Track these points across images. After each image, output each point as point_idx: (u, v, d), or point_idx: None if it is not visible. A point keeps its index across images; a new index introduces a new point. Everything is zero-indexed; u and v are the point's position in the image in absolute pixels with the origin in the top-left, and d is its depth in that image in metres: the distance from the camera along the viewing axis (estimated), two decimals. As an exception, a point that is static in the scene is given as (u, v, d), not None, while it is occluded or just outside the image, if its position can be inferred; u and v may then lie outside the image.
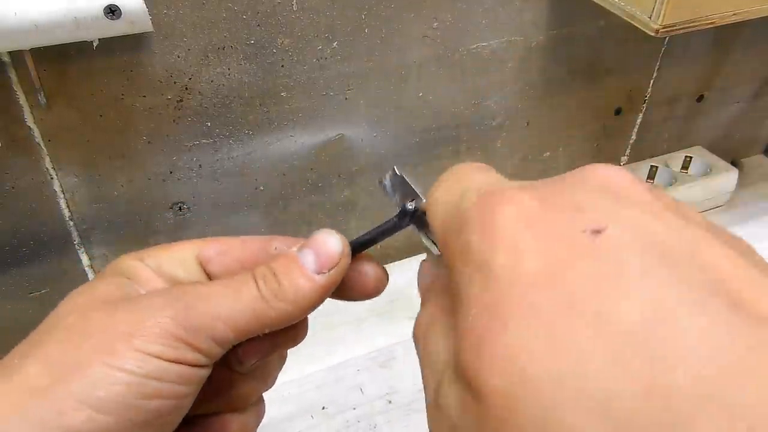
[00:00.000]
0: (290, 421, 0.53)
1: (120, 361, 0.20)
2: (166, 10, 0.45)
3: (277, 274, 0.23)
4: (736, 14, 0.50)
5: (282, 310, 0.23)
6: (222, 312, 0.22)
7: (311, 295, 0.23)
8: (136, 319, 0.21)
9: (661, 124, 0.76)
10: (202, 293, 0.23)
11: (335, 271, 0.24)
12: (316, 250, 0.24)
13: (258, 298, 0.23)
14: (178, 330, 0.21)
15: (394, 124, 0.59)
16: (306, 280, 0.23)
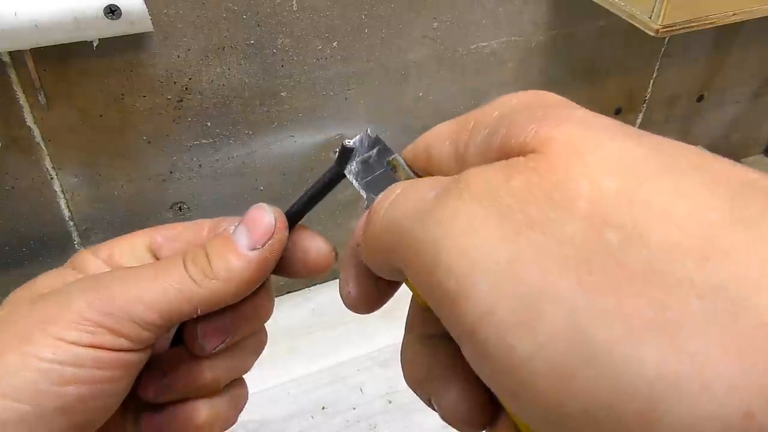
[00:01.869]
0: (290, 421, 0.53)
1: (34, 348, 0.20)
2: (166, 10, 0.45)
3: (209, 253, 0.23)
4: (736, 14, 0.50)
5: (213, 288, 0.22)
6: (142, 294, 0.21)
7: (245, 272, 0.23)
8: (53, 307, 0.21)
9: (661, 124, 0.77)
10: (121, 277, 0.22)
11: (270, 246, 0.23)
12: (248, 225, 0.23)
13: (185, 278, 0.22)
14: (93, 315, 0.21)
15: (394, 124, 0.59)
16: (238, 258, 0.23)
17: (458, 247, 0.14)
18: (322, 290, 0.64)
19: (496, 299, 0.13)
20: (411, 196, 0.17)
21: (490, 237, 0.13)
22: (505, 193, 0.14)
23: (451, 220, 0.14)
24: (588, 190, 0.13)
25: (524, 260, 0.13)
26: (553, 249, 0.13)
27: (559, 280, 0.12)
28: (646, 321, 0.11)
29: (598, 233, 0.12)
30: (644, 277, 0.12)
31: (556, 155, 0.14)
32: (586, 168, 0.13)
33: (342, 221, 0.64)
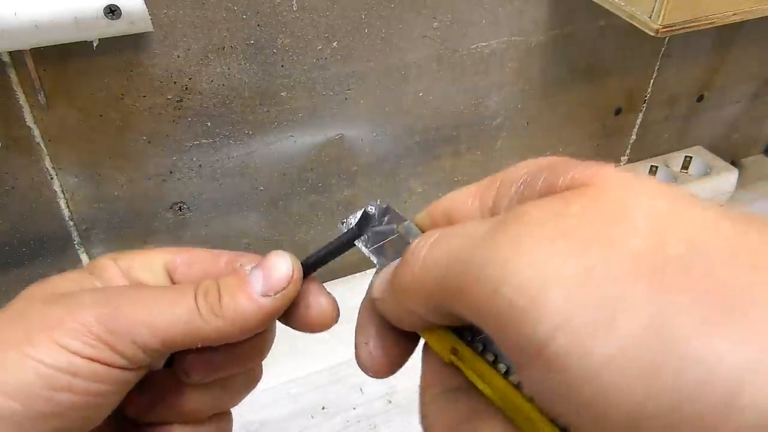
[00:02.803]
0: (290, 421, 0.53)
1: (35, 350, 0.20)
2: (166, 10, 0.45)
3: (221, 289, 0.23)
4: (736, 14, 0.50)
5: (217, 326, 0.22)
6: (149, 318, 0.22)
7: (251, 316, 0.23)
8: (62, 313, 0.21)
9: (661, 124, 0.77)
10: (134, 296, 0.22)
11: (281, 296, 0.23)
12: (266, 271, 0.23)
13: (193, 310, 0.22)
14: (99, 329, 0.21)
15: (394, 124, 0.59)
16: (248, 301, 0.23)
17: (527, 265, 0.14)
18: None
19: (571, 309, 0.13)
20: (459, 232, 0.17)
21: (559, 253, 0.14)
22: (567, 216, 0.15)
23: (515, 243, 0.15)
24: (646, 210, 0.14)
25: (595, 271, 0.14)
26: (621, 260, 0.14)
27: (632, 286, 0.13)
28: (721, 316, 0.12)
29: (662, 245, 0.14)
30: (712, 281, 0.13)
31: (607, 185, 0.16)
32: (636, 194, 0.15)
33: (342, 220, 0.64)
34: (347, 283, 0.65)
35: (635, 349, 0.13)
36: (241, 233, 0.59)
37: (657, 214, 0.14)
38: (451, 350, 0.20)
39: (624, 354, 0.13)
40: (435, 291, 0.17)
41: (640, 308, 0.13)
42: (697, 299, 0.13)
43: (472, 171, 0.68)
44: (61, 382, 0.20)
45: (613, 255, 0.14)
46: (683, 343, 0.12)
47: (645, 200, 0.15)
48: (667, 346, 0.12)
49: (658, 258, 0.13)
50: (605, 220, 0.15)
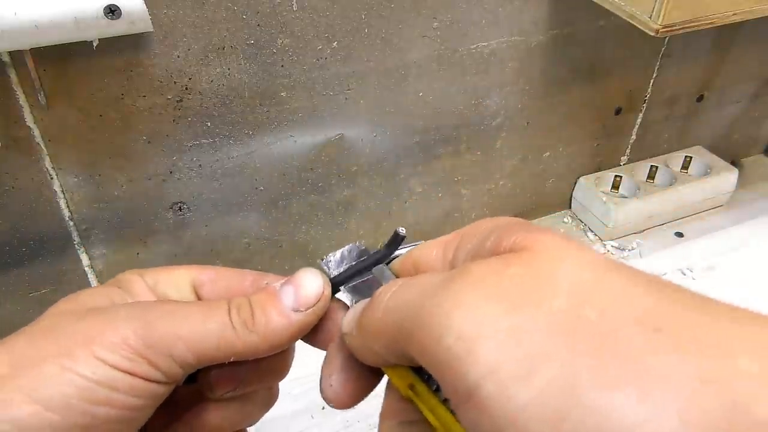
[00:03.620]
0: (290, 420, 0.53)
1: (74, 363, 0.20)
2: (166, 10, 0.45)
3: (253, 305, 0.24)
4: (736, 14, 0.50)
5: (250, 341, 0.23)
6: (184, 333, 0.22)
7: (283, 331, 0.23)
8: (99, 327, 0.21)
9: (661, 124, 0.77)
10: (169, 311, 0.23)
11: (312, 311, 0.24)
12: (296, 287, 0.24)
13: (227, 325, 0.23)
14: (137, 343, 0.21)
15: (394, 124, 0.59)
16: (280, 316, 0.23)
17: (467, 318, 0.17)
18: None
19: (499, 359, 0.15)
20: (417, 283, 0.20)
21: (494, 310, 0.16)
22: (504, 277, 0.17)
23: (459, 297, 0.17)
24: (570, 277, 0.17)
25: (521, 328, 0.16)
26: (543, 320, 0.16)
27: (549, 344, 0.15)
28: (620, 375, 0.14)
29: (579, 308, 0.16)
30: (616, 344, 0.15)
31: (542, 251, 0.18)
32: (565, 262, 0.17)
33: (342, 220, 0.64)
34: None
35: (546, 398, 0.15)
36: (241, 233, 0.59)
37: (579, 281, 0.17)
38: (409, 386, 0.22)
39: (537, 402, 0.15)
40: (393, 334, 0.20)
41: (553, 363, 0.15)
42: (600, 358, 0.15)
43: (472, 171, 0.68)
44: (100, 396, 0.21)
45: (537, 315, 0.16)
46: (584, 395, 0.14)
47: (571, 268, 0.17)
48: (571, 397, 0.14)
49: (573, 320, 0.16)
50: (534, 283, 0.17)
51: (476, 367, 0.16)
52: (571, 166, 0.75)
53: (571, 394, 0.14)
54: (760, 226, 0.76)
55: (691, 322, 0.15)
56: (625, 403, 0.14)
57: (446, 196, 0.68)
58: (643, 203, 0.73)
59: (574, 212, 0.78)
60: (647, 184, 0.76)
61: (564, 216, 0.78)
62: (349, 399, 0.24)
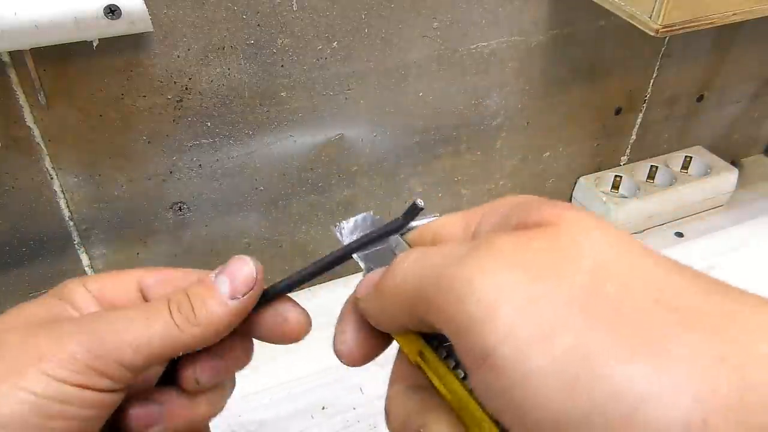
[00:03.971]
0: (290, 421, 0.53)
1: (26, 382, 0.21)
2: (166, 10, 0.45)
3: (192, 299, 0.24)
4: (736, 14, 0.50)
5: (195, 334, 0.24)
6: (131, 339, 0.23)
7: (224, 319, 0.24)
8: (47, 343, 0.22)
9: (661, 124, 0.77)
10: (112, 320, 0.23)
11: (248, 297, 0.25)
12: (230, 276, 0.25)
13: (170, 324, 0.24)
14: (85, 356, 0.22)
15: (394, 124, 0.59)
16: (219, 306, 0.24)
17: (489, 283, 0.17)
18: (321, 291, 0.64)
19: (516, 325, 0.16)
20: (438, 251, 0.20)
21: (515, 280, 0.17)
22: (528, 249, 0.18)
23: (481, 265, 0.18)
24: (593, 253, 0.17)
25: (541, 298, 0.16)
26: (564, 292, 0.16)
27: (568, 314, 0.16)
28: (634, 347, 0.15)
29: (601, 284, 0.16)
30: (633, 318, 0.15)
31: (568, 227, 0.18)
32: (588, 238, 0.18)
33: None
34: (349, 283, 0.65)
35: (562, 364, 0.15)
36: (241, 233, 0.59)
37: (601, 257, 0.17)
38: (418, 353, 0.23)
39: (552, 367, 0.15)
40: (411, 299, 0.20)
41: (571, 332, 0.15)
42: (617, 332, 0.15)
43: (472, 171, 0.68)
44: (53, 411, 0.21)
45: (559, 287, 0.16)
46: (599, 364, 0.15)
47: (595, 245, 0.18)
48: (586, 365, 0.15)
49: (594, 294, 0.16)
50: (558, 258, 0.17)
51: (494, 330, 0.16)
52: (571, 166, 0.75)
53: (585, 363, 0.15)
54: (760, 226, 0.76)
55: (710, 304, 0.16)
56: (639, 376, 0.14)
57: (446, 196, 0.68)
58: (643, 203, 0.73)
59: (574, 212, 0.78)
60: (647, 184, 0.76)
61: (564, 216, 0.78)
62: (361, 357, 0.24)
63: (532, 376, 0.15)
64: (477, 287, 0.17)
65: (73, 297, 0.26)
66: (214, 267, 0.26)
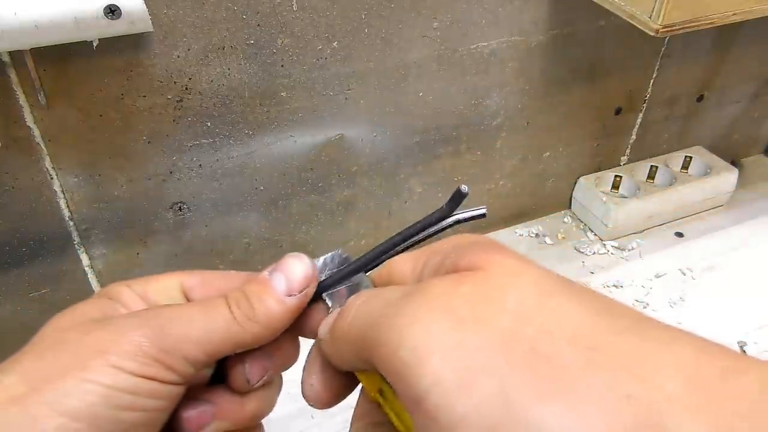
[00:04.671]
0: (290, 421, 0.53)
1: (92, 374, 0.21)
2: (166, 10, 0.45)
3: (249, 296, 0.25)
4: (736, 14, 0.50)
5: (253, 331, 0.24)
6: (194, 333, 0.23)
7: (282, 316, 0.25)
8: (111, 337, 0.22)
9: (661, 124, 0.77)
10: (176, 314, 0.24)
11: (304, 294, 0.25)
12: (286, 273, 0.25)
13: (231, 321, 0.24)
14: (151, 349, 0.22)
15: (394, 124, 0.59)
16: (276, 303, 0.25)
17: (419, 333, 0.18)
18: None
19: (444, 372, 0.17)
20: (381, 296, 0.21)
21: (443, 326, 0.18)
22: (456, 295, 0.19)
23: (414, 313, 0.19)
24: (516, 297, 0.18)
25: (466, 344, 0.17)
26: (487, 336, 0.17)
27: (491, 359, 0.17)
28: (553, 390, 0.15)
29: (521, 327, 0.17)
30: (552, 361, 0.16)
31: (495, 271, 0.19)
32: (515, 283, 0.19)
33: (342, 220, 0.64)
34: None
35: (483, 409, 0.16)
36: (241, 233, 0.59)
37: (524, 301, 0.18)
38: (378, 390, 0.23)
39: (475, 413, 0.16)
40: (358, 342, 0.21)
41: (491, 377, 0.16)
42: (534, 373, 0.16)
43: (472, 171, 0.68)
44: (124, 402, 0.21)
45: (482, 331, 0.17)
46: (518, 408, 0.15)
47: (518, 289, 0.18)
48: (506, 409, 0.16)
49: (514, 337, 0.17)
50: (483, 302, 0.18)
51: (424, 378, 0.17)
52: (571, 166, 0.75)
53: (505, 407, 0.16)
54: (760, 226, 0.76)
55: (623, 343, 0.16)
56: (554, 416, 0.15)
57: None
58: (643, 203, 0.73)
59: (574, 212, 0.78)
60: (647, 184, 0.76)
61: (564, 216, 0.78)
62: (329, 399, 0.25)
63: (458, 422, 0.16)
64: (409, 336, 0.18)
65: (120, 297, 0.26)
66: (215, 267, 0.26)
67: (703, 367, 0.16)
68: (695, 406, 0.15)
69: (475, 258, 0.20)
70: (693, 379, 0.15)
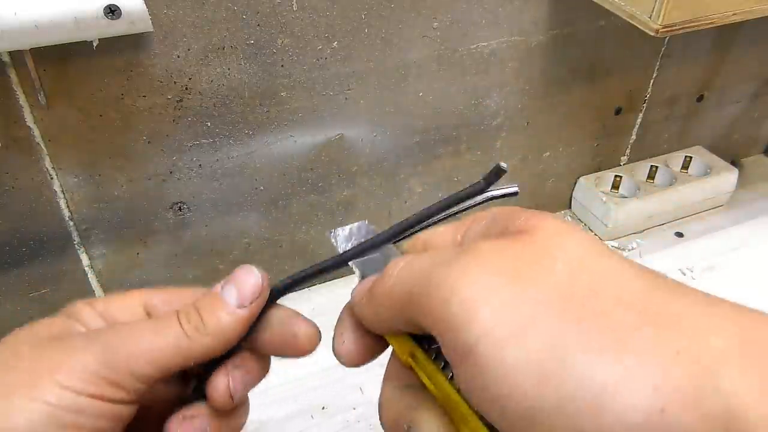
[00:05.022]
0: (290, 421, 0.53)
1: (40, 393, 0.21)
2: (166, 10, 0.45)
3: (200, 310, 0.25)
4: (736, 14, 0.50)
5: (205, 343, 0.24)
6: (143, 349, 0.23)
7: (233, 326, 0.25)
8: (60, 356, 0.22)
9: (661, 124, 0.77)
10: (123, 333, 0.24)
11: (255, 305, 0.26)
12: (237, 285, 0.26)
13: (181, 335, 0.24)
14: (98, 367, 0.22)
15: (394, 124, 0.59)
16: (227, 315, 0.25)
17: (471, 286, 0.19)
18: (321, 291, 0.64)
19: (494, 323, 0.17)
20: (426, 258, 0.22)
21: (496, 281, 0.18)
22: (507, 255, 0.19)
23: (465, 270, 0.19)
24: (566, 258, 0.19)
25: (518, 298, 0.18)
26: (538, 292, 0.18)
27: (542, 313, 0.17)
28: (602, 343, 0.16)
29: (570, 286, 0.18)
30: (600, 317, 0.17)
31: (543, 234, 0.20)
32: (561, 244, 0.20)
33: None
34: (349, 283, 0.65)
35: (534, 359, 0.17)
36: (241, 233, 0.59)
37: (572, 261, 0.19)
38: (409, 353, 0.24)
39: (526, 362, 0.17)
40: (402, 301, 0.21)
41: (542, 330, 0.17)
42: (584, 328, 0.17)
43: (472, 171, 0.68)
44: (68, 421, 0.21)
45: (533, 288, 0.18)
46: (567, 358, 0.16)
47: (568, 250, 0.19)
48: (557, 360, 0.16)
49: (564, 295, 0.18)
50: (534, 262, 0.19)
51: (475, 329, 0.18)
52: (571, 166, 0.75)
53: (555, 356, 0.16)
54: (760, 226, 0.76)
55: (668, 303, 0.17)
56: (605, 368, 0.16)
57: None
58: (643, 203, 0.73)
59: (574, 212, 0.78)
60: (647, 184, 0.76)
61: (564, 216, 0.78)
62: (359, 357, 0.25)
63: (508, 370, 0.17)
64: (460, 290, 0.19)
65: (80, 315, 0.26)
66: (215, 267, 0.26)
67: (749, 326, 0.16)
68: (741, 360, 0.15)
69: (523, 222, 0.21)
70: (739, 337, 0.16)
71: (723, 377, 0.15)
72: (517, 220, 0.21)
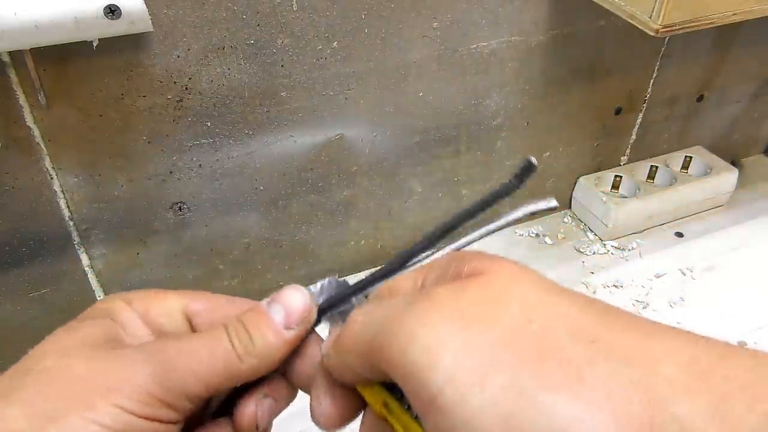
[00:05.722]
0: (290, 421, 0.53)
1: (96, 415, 0.21)
2: (166, 10, 0.45)
3: (247, 327, 0.24)
4: (736, 14, 0.50)
5: (253, 365, 0.24)
6: (196, 368, 0.23)
7: (280, 349, 0.25)
8: (116, 374, 0.22)
9: (661, 124, 0.77)
10: (178, 350, 0.24)
11: (303, 327, 0.25)
12: (284, 305, 0.25)
13: (230, 353, 0.24)
14: (155, 388, 0.22)
15: (394, 124, 0.59)
16: (275, 336, 0.24)
17: (429, 334, 0.19)
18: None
19: (456, 369, 0.18)
20: (386, 305, 0.22)
21: (452, 327, 0.19)
22: (462, 298, 0.20)
23: (422, 315, 0.19)
24: (518, 298, 0.19)
25: (476, 342, 0.18)
26: (495, 334, 0.18)
27: (501, 354, 0.18)
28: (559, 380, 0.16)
29: (526, 324, 0.18)
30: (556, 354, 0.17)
31: (496, 276, 0.20)
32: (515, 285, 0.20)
33: (342, 220, 0.64)
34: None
35: (496, 402, 0.17)
36: (241, 233, 0.59)
37: (526, 301, 0.19)
38: (382, 403, 0.23)
39: (490, 405, 0.17)
40: (366, 349, 0.21)
41: (504, 371, 0.17)
42: (544, 367, 0.17)
43: (472, 171, 0.68)
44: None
45: (489, 330, 0.18)
46: (530, 398, 0.16)
47: (519, 290, 0.20)
48: (519, 399, 0.16)
49: (522, 335, 0.18)
50: (488, 303, 0.19)
51: (437, 376, 0.18)
52: (571, 166, 0.75)
53: (518, 397, 0.17)
54: (760, 226, 0.76)
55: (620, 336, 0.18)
56: (565, 403, 0.16)
57: (446, 196, 0.68)
58: (643, 203, 0.73)
59: (574, 212, 0.78)
60: (647, 184, 0.76)
61: (564, 216, 0.78)
62: (339, 419, 0.25)
63: (473, 415, 0.17)
64: (418, 337, 0.19)
65: (121, 317, 0.25)
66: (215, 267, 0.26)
67: (697, 353, 0.17)
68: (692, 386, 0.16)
69: (478, 265, 0.21)
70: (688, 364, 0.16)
71: (676, 404, 0.15)
72: (469, 263, 0.21)
